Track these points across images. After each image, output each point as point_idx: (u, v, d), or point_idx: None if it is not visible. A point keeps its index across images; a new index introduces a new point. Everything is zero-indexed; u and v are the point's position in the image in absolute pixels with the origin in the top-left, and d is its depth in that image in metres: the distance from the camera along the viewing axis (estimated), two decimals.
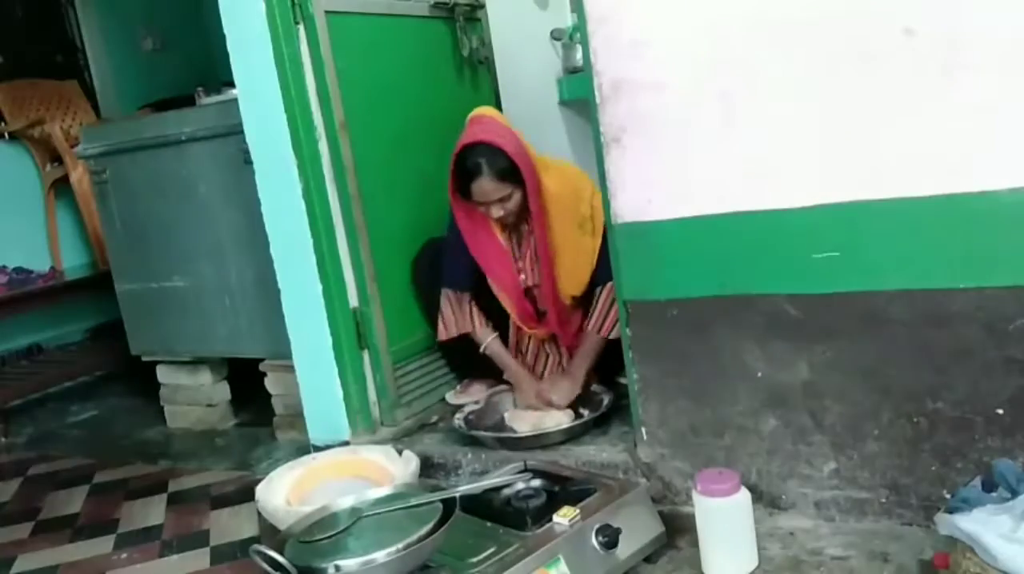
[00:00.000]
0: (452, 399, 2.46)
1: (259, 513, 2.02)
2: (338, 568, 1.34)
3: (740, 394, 1.74)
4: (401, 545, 1.35)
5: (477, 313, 2.31)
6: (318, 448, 2.27)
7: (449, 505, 1.46)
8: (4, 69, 4.09)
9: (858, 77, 1.51)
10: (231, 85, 2.34)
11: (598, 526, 1.57)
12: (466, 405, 2.33)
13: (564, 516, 1.57)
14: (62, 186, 3.97)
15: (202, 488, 2.42)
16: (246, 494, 2.24)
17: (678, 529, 1.72)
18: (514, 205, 2.13)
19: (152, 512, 2.31)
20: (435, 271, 2.34)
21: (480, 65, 2.71)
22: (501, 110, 2.80)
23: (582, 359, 2.22)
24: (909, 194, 1.50)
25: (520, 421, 2.18)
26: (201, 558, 2.00)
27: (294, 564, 1.35)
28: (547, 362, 2.38)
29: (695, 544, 1.60)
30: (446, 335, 2.34)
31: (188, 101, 2.88)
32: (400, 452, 2.05)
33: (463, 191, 2.13)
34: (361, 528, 1.46)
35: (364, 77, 2.28)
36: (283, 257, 2.28)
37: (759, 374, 1.71)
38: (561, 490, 1.73)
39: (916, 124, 1.48)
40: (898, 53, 1.47)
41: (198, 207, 2.72)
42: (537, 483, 1.76)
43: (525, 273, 2.26)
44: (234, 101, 2.30)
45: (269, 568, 1.37)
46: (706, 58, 1.63)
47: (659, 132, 1.69)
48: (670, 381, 1.81)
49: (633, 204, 1.75)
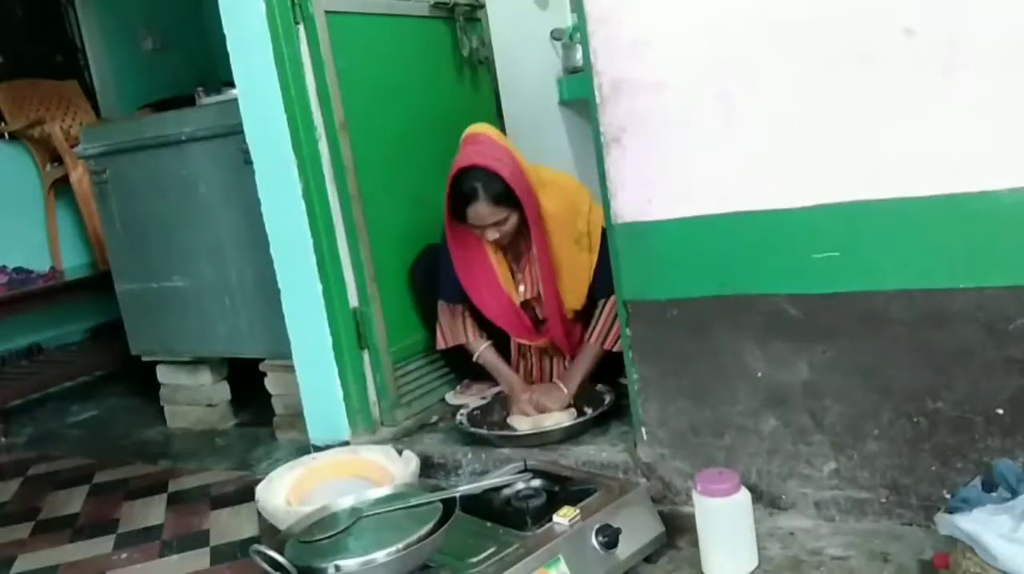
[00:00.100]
0: (452, 399, 2.46)
1: (259, 513, 2.02)
2: (338, 568, 1.34)
3: (740, 394, 1.74)
4: (401, 545, 1.35)
5: (471, 324, 2.30)
6: (318, 448, 2.27)
7: (449, 505, 1.46)
8: (4, 69, 4.09)
9: (858, 77, 1.51)
10: (231, 85, 2.34)
11: (598, 526, 1.57)
12: (470, 403, 2.33)
13: (564, 516, 1.57)
14: (62, 186, 3.97)
15: (202, 488, 2.42)
16: (246, 494, 2.24)
17: (678, 529, 1.72)
18: (510, 227, 2.11)
19: (152, 512, 2.30)
20: (431, 277, 2.33)
21: (480, 65, 2.71)
22: (501, 110, 2.80)
23: (578, 370, 2.21)
24: (909, 194, 1.50)
25: (521, 420, 2.18)
26: (201, 558, 2.00)
27: (294, 564, 1.35)
28: (551, 368, 2.37)
29: (695, 544, 1.60)
30: (444, 345, 2.35)
31: (188, 101, 2.88)
32: (400, 452, 2.06)
33: (458, 212, 2.11)
34: (361, 528, 1.45)
35: (364, 77, 2.28)
36: (283, 257, 2.29)
37: (759, 374, 1.71)
38: (561, 490, 1.73)
39: (916, 124, 1.48)
40: (898, 53, 1.47)
41: (198, 207, 2.72)
42: (537, 483, 1.76)
43: (524, 285, 2.24)
44: (234, 101, 2.30)
45: (269, 568, 1.37)
46: (706, 58, 1.63)
47: (659, 132, 1.69)
48: (670, 381, 1.81)
49: (633, 204, 1.75)
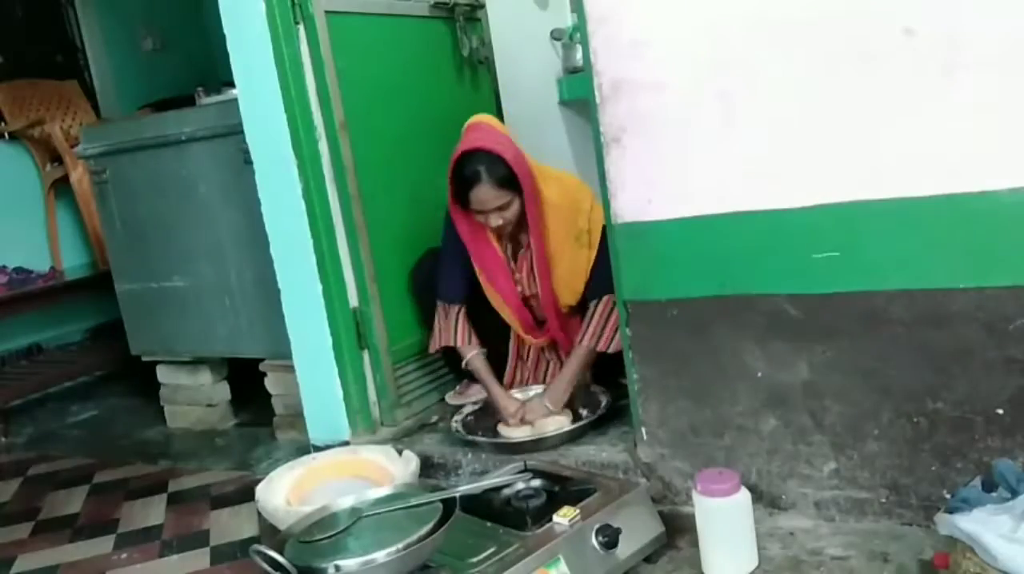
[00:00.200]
0: (452, 399, 2.46)
1: (259, 513, 2.02)
2: (338, 568, 1.34)
3: (740, 394, 1.74)
4: (401, 545, 1.35)
5: (463, 327, 2.27)
6: (318, 448, 2.27)
7: (449, 505, 1.46)
8: (4, 69, 4.09)
9: (858, 77, 1.51)
10: (231, 85, 2.34)
11: (598, 526, 1.57)
12: (464, 406, 2.33)
13: (564, 516, 1.57)
14: (62, 186, 3.97)
15: (202, 488, 2.42)
16: (246, 494, 2.24)
17: (678, 529, 1.72)
18: (512, 214, 2.10)
19: (152, 512, 2.30)
20: (432, 281, 2.32)
21: (480, 65, 2.71)
22: (501, 110, 2.80)
23: (565, 379, 2.16)
24: (909, 194, 1.50)
25: (514, 428, 2.15)
26: (201, 558, 2.00)
27: (294, 564, 1.35)
28: (548, 368, 2.37)
29: (695, 544, 1.60)
30: (433, 348, 2.32)
31: (188, 101, 2.88)
32: (400, 452, 2.06)
33: (461, 199, 2.10)
34: (361, 528, 1.45)
35: (364, 77, 2.28)
36: (283, 257, 2.29)
37: (759, 374, 1.71)
38: (561, 490, 1.73)
39: (916, 124, 1.48)
40: (898, 53, 1.47)
41: (198, 207, 2.72)
42: (537, 483, 1.76)
43: (522, 284, 2.24)
44: (234, 101, 2.30)
45: (269, 568, 1.37)
46: (706, 58, 1.63)
47: (659, 132, 1.69)
48: (670, 381, 1.81)
49: (633, 204, 1.75)
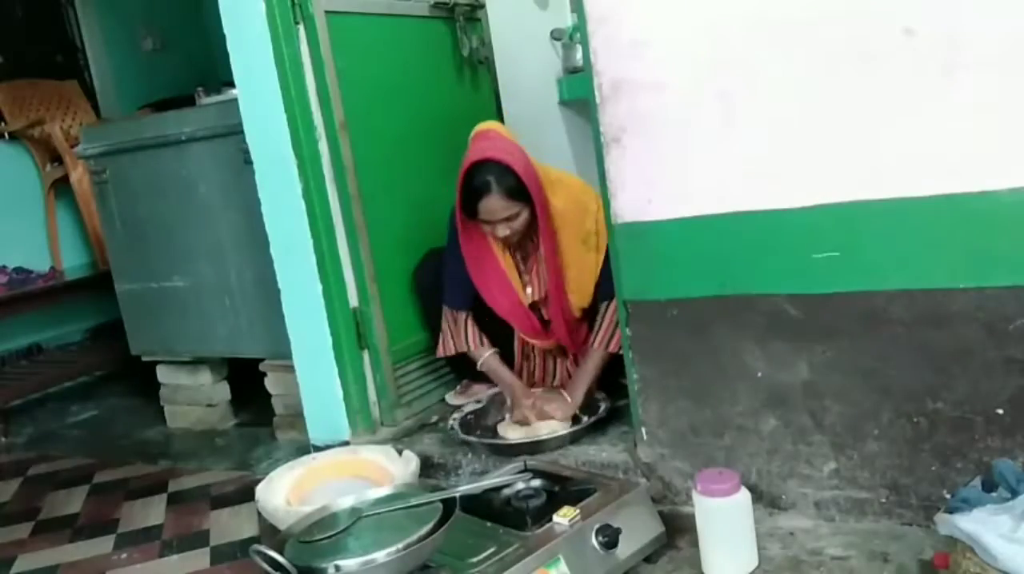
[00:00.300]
0: (452, 399, 2.46)
1: (259, 513, 2.02)
2: (338, 568, 1.34)
3: (740, 394, 1.74)
4: (401, 545, 1.35)
5: (473, 331, 2.27)
6: (318, 448, 2.27)
7: (449, 505, 1.46)
8: (4, 69, 4.09)
9: (858, 77, 1.51)
10: (231, 85, 2.34)
11: (598, 526, 1.57)
12: (465, 406, 2.33)
13: (564, 516, 1.57)
14: (62, 186, 3.97)
15: (202, 488, 2.42)
16: (246, 494, 2.24)
17: (678, 529, 1.72)
18: (520, 224, 2.08)
19: (152, 512, 2.30)
20: (436, 281, 2.32)
21: (480, 65, 2.71)
22: (501, 110, 2.80)
23: (582, 378, 2.16)
24: (909, 194, 1.50)
25: (512, 429, 2.15)
26: (201, 558, 2.00)
27: (294, 564, 1.35)
28: (555, 371, 2.36)
29: (695, 544, 1.60)
30: (443, 353, 2.32)
31: (188, 101, 2.88)
32: (400, 452, 2.05)
33: (469, 210, 2.08)
34: (361, 528, 1.45)
35: (364, 77, 2.28)
36: (283, 257, 2.29)
37: (759, 374, 1.71)
38: (561, 490, 1.73)
39: (916, 124, 1.48)
40: (898, 53, 1.47)
41: (198, 207, 2.72)
42: (537, 483, 1.76)
43: (532, 287, 2.23)
44: (234, 101, 2.30)
45: (269, 568, 1.37)
46: (706, 58, 1.63)
47: (659, 132, 1.69)
48: (670, 381, 1.81)
49: (633, 204, 1.75)
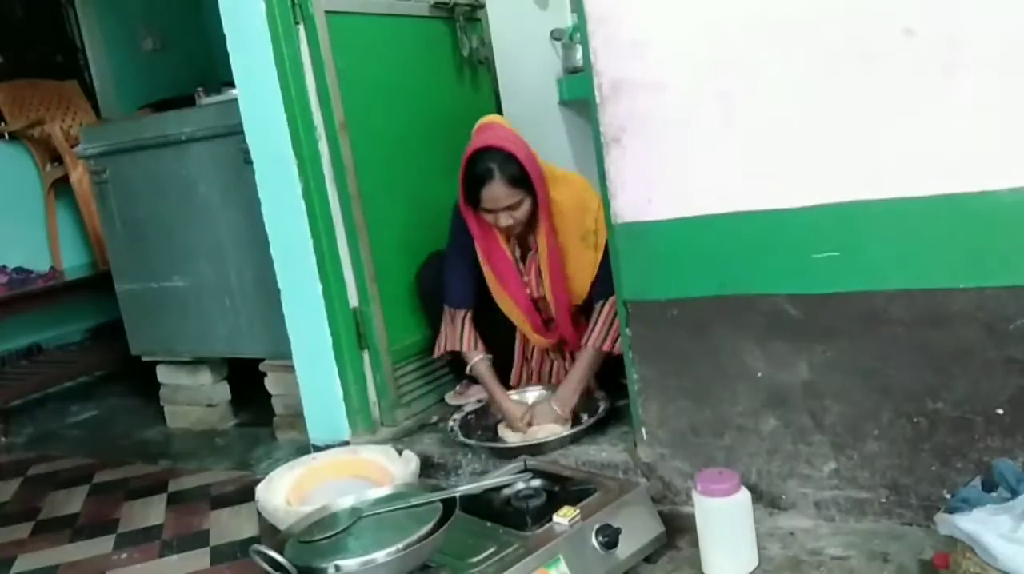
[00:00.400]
0: (452, 400, 2.46)
1: (259, 513, 2.02)
2: (338, 568, 1.34)
3: (740, 394, 1.74)
4: (401, 545, 1.35)
5: (469, 332, 2.27)
6: (318, 448, 2.27)
7: (449, 505, 1.46)
8: (4, 69, 4.09)
9: (858, 77, 1.51)
10: (231, 85, 2.34)
11: (598, 526, 1.57)
12: (465, 406, 2.33)
13: (564, 516, 1.57)
14: (62, 186, 3.97)
15: (202, 488, 2.42)
16: (246, 494, 2.24)
17: (678, 529, 1.72)
18: (522, 214, 2.09)
19: (152, 512, 2.30)
20: (439, 284, 2.31)
21: (480, 65, 2.71)
22: (501, 110, 2.80)
23: (573, 382, 2.15)
24: (909, 194, 1.50)
25: (511, 433, 2.16)
26: (201, 558, 2.00)
27: (294, 564, 1.35)
28: (552, 368, 2.37)
29: (695, 544, 1.60)
30: (437, 353, 2.33)
31: (188, 101, 2.88)
32: (400, 452, 2.06)
33: (472, 199, 2.09)
34: (361, 528, 1.45)
35: (364, 77, 2.28)
36: (283, 257, 2.29)
37: (759, 374, 1.71)
38: (561, 490, 1.73)
39: (916, 124, 1.48)
40: (898, 53, 1.47)
41: (198, 207, 2.72)
42: (537, 483, 1.76)
43: (530, 287, 2.24)
44: (234, 101, 2.30)
45: (269, 568, 1.37)
46: (706, 58, 1.63)
47: (659, 132, 1.69)
48: (670, 381, 1.81)
49: (633, 204, 1.75)
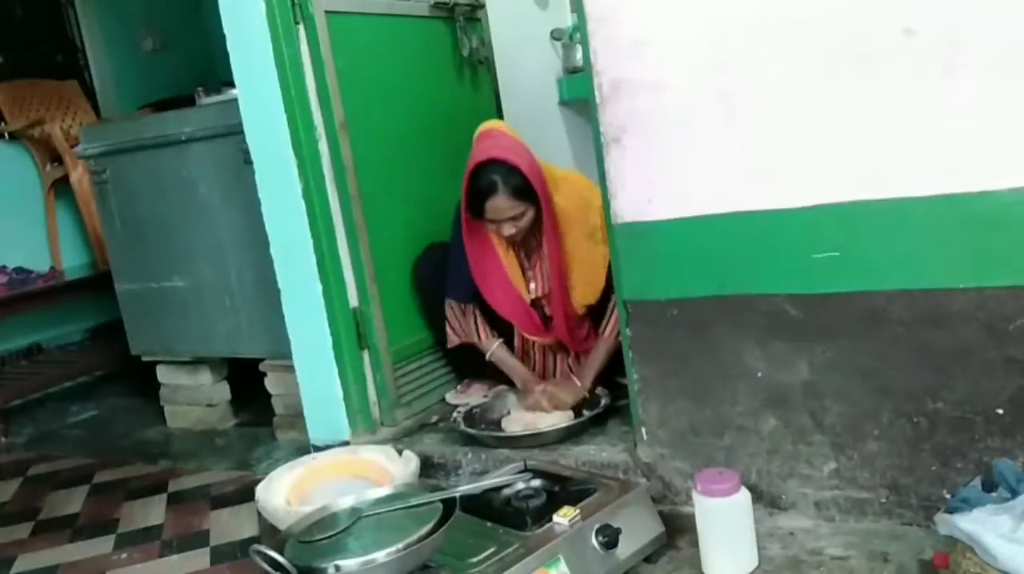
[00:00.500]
0: (452, 399, 2.46)
1: (259, 513, 2.02)
2: (338, 568, 1.34)
3: (740, 394, 1.74)
4: (401, 545, 1.35)
5: (481, 323, 2.31)
6: (318, 448, 2.27)
7: (449, 505, 1.46)
8: (4, 69, 4.09)
9: (858, 77, 1.51)
10: (231, 85, 2.34)
11: (598, 526, 1.57)
12: (470, 401, 2.33)
13: (564, 516, 1.57)
14: (62, 186, 3.97)
15: (202, 488, 2.42)
16: (246, 494, 2.24)
17: (678, 529, 1.72)
18: (525, 223, 2.10)
19: (152, 512, 2.30)
20: (437, 275, 2.33)
21: (480, 65, 2.71)
22: (501, 110, 2.80)
23: (593, 363, 2.21)
24: (909, 194, 1.50)
25: (515, 423, 2.18)
26: (201, 558, 2.00)
27: (294, 564, 1.35)
28: (555, 365, 2.37)
29: (695, 544, 1.60)
30: (455, 342, 2.35)
31: (188, 101, 2.88)
32: (400, 452, 2.06)
33: (475, 209, 2.10)
34: (361, 528, 1.45)
35: (364, 77, 2.28)
36: (283, 257, 2.29)
37: (759, 374, 1.71)
38: (561, 490, 1.73)
39: (916, 124, 1.48)
40: (898, 53, 1.47)
41: (198, 207, 2.72)
42: (537, 483, 1.76)
43: (536, 282, 2.25)
44: (234, 101, 2.30)
45: (269, 568, 1.37)
46: (706, 58, 1.63)
47: (659, 132, 1.69)
48: (670, 381, 1.81)
49: (633, 204, 1.75)
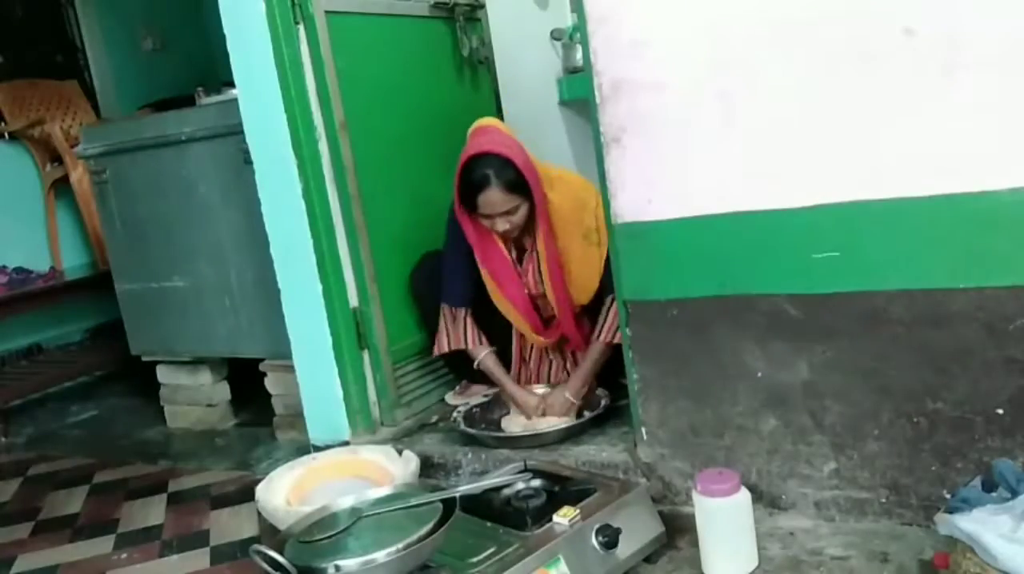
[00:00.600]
0: (452, 399, 2.46)
1: (259, 513, 2.02)
2: (338, 568, 1.34)
3: (740, 394, 1.74)
4: (401, 545, 1.35)
5: (472, 329, 2.28)
6: (318, 448, 2.27)
7: (449, 505, 1.46)
8: (4, 69, 4.09)
9: (858, 77, 1.51)
10: (231, 85, 2.34)
11: (598, 526, 1.57)
12: (470, 401, 2.33)
13: (564, 516, 1.57)
14: (62, 186, 3.97)
15: (202, 488, 2.42)
16: (246, 494, 2.24)
17: (678, 529, 1.72)
18: (519, 219, 2.09)
19: (152, 512, 2.31)
20: (433, 283, 2.32)
21: (480, 65, 2.71)
22: (501, 110, 2.80)
23: (583, 372, 2.18)
24: (909, 194, 1.50)
25: (515, 423, 2.19)
26: (201, 558, 2.00)
27: (294, 564, 1.35)
28: (551, 368, 2.37)
29: (695, 544, 1.60)
30: (439, 351, 2.33)
31: (188, 101, 2.88)
32: (400, 452, 2.06)
33: (469, 203, 2.10)
34: (361, 528, 1.45)
35: (364, 77, 2.28)
36: (283, 257, 2.29)
37: (759, 374, 1.71)
38: (561, 490, 1.73)
39: (916, 124, 1.48)
40: (898, 53, 1.47)
41: (198, 207, 2.72)
42: (537, 483, 1.76)
43: (528, 286, 2.24)
44: (234, 101, 2.30)
45: (269, 568, 1.37)
46: (706, 58, 1.63)
47: (659, 132, 1.69)
48: (670, 381, 1.81)
49: (633, 204, 1.75)
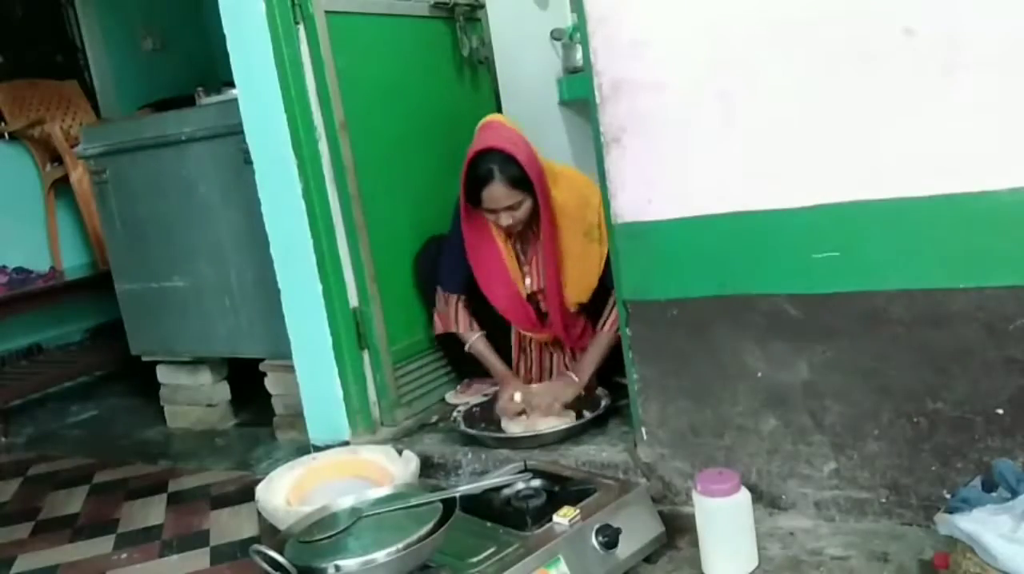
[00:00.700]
0: (452, 399, 2.46)
1: (259, 513, 2.02)
2: (338, 568, 1.34)
3: (740, 394, 1.74)
4: (401, 545, 1.35)
5: (464, 315, 2.32)
6: (318, 448, 2.27)
7: (449, 505, 1.46)
8: (4, 69, 4.09)
9: (858, 77, 1.51)
10: (231, 85, 2.34)
11: (598, 526, 1.57)
12: (470, 401, 2.34)
13: (564, 516, 1.57)
14: (62, 186, 3.97)
15: (202, 488, 2.42)
16: (246, 494, 2.24)
17: (678, 529, 1.72)
18: (523, 214, 2.12)
19: (152, 512, 2.31)
20: (436, 269, 2.35)
21: (480, 65, 2.71)
22: (501, 110, 2.80)
23: (589, 359, 2.20)
24: (909, 194, 1.50)
25: (515, 424, 2.17)
26: (201, 558, 2.00)
27: (294, 564, 1.35)
28: (551, 362, 2.38)
29: (695, 544, 1.60)
30: (441, 330, 2.37)
31: (188, 101, 2.88)
32: (400, 452, 2.06)
33: (473, 198, 2.12)
34: (361, 528, 1.45)
35: (364, 77, 2.28)
36: (283, 257, 2.29)
37: (759, 374, 1.71)
38: (561, 490, 1.73)
39: (916, 124, 1.48)
40: (898, 53, 1.47)
41: (198, 207, 2.72)
42: (537, 483, 1.76)
43: (531, 277, 2.25)
44: (234, 101, 2.30)
45: (269, 568, 1.37)
46: (706, 58, 1.63)
47: (659, 132, 1.69)
48: (670, 381, 1.81)
49: (633, 204, 1.75)
